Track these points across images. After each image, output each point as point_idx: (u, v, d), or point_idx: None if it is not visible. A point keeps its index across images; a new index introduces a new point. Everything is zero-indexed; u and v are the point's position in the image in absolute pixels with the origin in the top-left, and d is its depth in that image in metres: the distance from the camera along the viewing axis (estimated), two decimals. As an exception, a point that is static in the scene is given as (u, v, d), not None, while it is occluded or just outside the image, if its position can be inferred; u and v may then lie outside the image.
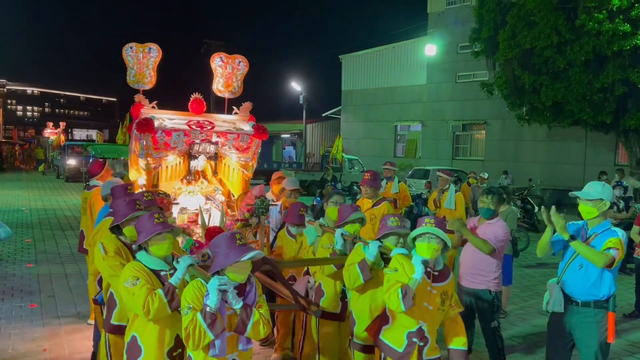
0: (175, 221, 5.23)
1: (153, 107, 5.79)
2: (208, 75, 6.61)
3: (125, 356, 3.26)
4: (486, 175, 13.82)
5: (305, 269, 4.63)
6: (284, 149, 39.82)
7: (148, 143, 5.23)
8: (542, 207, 4.11)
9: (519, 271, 9.29)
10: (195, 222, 5.43)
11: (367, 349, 3.69)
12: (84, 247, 6.00)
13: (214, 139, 5.58)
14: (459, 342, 3.37)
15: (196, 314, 2.79)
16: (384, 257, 3.59)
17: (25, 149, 40.03)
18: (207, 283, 2.87)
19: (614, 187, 10.83)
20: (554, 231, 3.92)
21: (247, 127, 5.82)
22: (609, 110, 15.59)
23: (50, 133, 35.87)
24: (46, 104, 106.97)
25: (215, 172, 5.79)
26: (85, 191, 6.32)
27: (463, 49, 25.25)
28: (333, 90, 35.57)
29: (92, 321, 5.74)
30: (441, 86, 27.50)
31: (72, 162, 26.15)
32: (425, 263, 3.19)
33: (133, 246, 3.40)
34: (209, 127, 5.57)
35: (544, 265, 10.04)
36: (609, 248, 3.70)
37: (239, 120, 6.01)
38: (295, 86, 32.61)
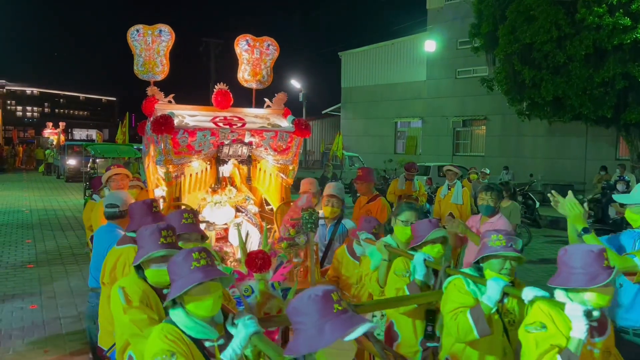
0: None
1: (170, 102, 4.84)
2: (209, 72, 6.16)
3: None
4: (487, 171, 13.79)
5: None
6: (284, 146, 39.79)
7: (167, 146, 4.26)
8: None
9: (520, 267, 9.25)
10: (224, 239, 4.48)
11: None
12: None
13: (247, 139, 4.59)
14: None
15: None
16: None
17: (24, 149, 40.03)
18: None
19: (616, 182, 10.81)
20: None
21: (285, 123, 4.86)
22: (609, 104, 15.54)
23: (50, 133, 35.87)
24: (46, 104, 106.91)
25: (249, 179, 4.81)
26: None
27: (463, 44, 25.17)
28: (332, 88, 35.56)
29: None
30: (441, 82, 27.44)
31: (72, 162, 26.10)
32: (588, 315, 2.23)
33: (164, 305, 2.38)
34: (239, 125, 4.59)
35: (546, 261, 10.01)
36: None
37: (272, 115, 5.05)
38: (295, 84, 32.56)
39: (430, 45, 26.08)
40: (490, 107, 24.72)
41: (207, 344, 2.22)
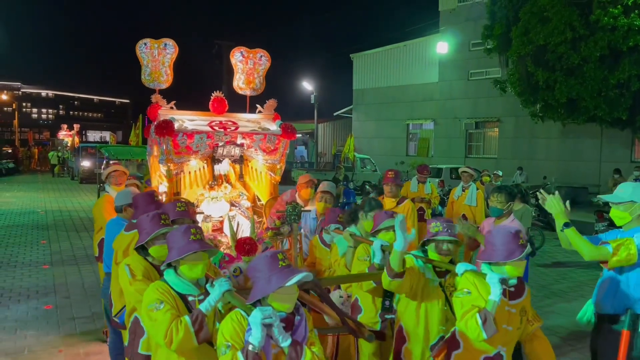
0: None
1: (172, 108, 5.36)
2: (221, 74, 6.39)
3: None
4: (500, 173, 13.70)
5: None
6: (296, 148, 39.89)
7: (168, 147, 4.82)
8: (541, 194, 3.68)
9: (534, 270, 9.18)
10: (220, 230, 4.99)
11: None
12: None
13: (239, 141, 5.16)
14: None
15: (236, 353, 2.37)
16: (436, 270, 3.31)
17: (40, 151, 40.52)
18: (247, 315, 2.45)
19: (631, 185, 10.64)
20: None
21: (274, 127, 5.40)
22: (624, 106, 15.37)
23: (65, 135, 36.22)
24: (60, 106, 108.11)
25: (241, 176, 5.35)
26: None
27: (475, 46, 25.06)
28: (344, 90, 35.55)
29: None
30: (453, 84, 27.32)
31: (86, 163, 26.35)
32: (503, 282, 2.80)
33: (161, 267, 2.99)
34: (232, 128, 5.15)
35: (559, 264, 9.92)
36: (617, 244, 3.32)
37: (263, 120, 5.59)
38: (307, 86, 32.60)
39: (442, 46, 25.99)
40: (503, 109, 24.56)
41: (190, 298, 2.80)
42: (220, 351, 2.43)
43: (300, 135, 38.72)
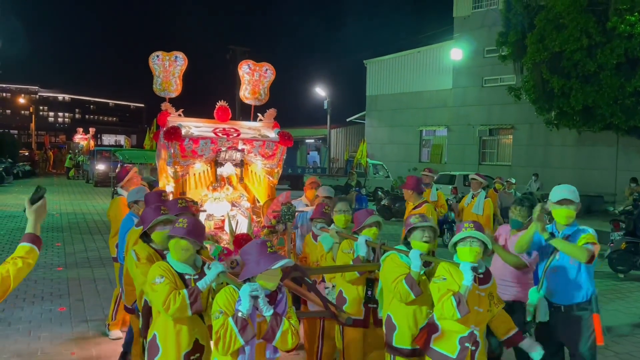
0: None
1: (179, 115, 5.81)
2: (233, 82, 6.58)
3: (147, 353, 3.36)
4: (513, 181, 13.59)
5: (321, 276, 4.70)
6: (308, 154, 39.92)
7: (176, 151, 5.29)
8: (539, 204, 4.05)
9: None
10: (221, 228, 5.43)
11: (411, 353, 3.60)
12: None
13: (240, 147, 5.64)
14: (512, 328, 3.50)
15: (227, 318, 2.84)
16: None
17: (55, 154, 41.00)
18: (238, 289, 2.93)
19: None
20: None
21: (272, 134, 5.85)
22: (642, 114, 15.20)
23: (81, 139, 36.65)
24: (76, 110, 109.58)
25: (241, 179, 5.81)
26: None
27: (490, 52, 24.95)
28: (357, 95, 35.62)
29: (111, 331, 5.92)
30: (467, 90, 27.20)
31: (100, 167, 26.60)
32: (474, 269, 3.22)
33: (165, 252, 3.48)
34: (234, 135, 5.60)
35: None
36: (586, 243, 3.71)
37: (264, 127, 6.05)
38: (320, 91, 32.65)
39: (456, 53, 25.92)
40: (518, 116, 24.38)
41: (186, 277, 3.32)
42: (214, 316, 2.91)
43: (312, 140, 38.76)
